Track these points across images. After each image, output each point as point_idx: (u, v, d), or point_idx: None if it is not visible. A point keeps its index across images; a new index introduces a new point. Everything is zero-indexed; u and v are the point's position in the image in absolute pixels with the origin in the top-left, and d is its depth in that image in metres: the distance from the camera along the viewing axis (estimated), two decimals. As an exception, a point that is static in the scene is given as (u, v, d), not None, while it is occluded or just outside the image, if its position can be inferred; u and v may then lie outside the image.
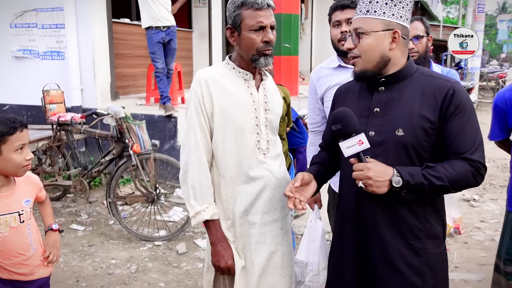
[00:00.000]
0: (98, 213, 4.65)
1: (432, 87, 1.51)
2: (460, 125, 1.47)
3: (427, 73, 1.58)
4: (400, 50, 1.54)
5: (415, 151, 1.50)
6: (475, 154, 1.46)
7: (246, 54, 1.76)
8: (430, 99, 1.49)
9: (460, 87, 1.51)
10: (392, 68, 1.55)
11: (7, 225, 1.82)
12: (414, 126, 1.48)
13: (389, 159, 1.49)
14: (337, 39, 2.24)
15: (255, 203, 1.78)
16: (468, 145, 1.47)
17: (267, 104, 1.85)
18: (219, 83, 1.77)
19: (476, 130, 1.49)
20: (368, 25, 1.52)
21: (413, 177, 1.43)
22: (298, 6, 6.70)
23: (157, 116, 5.24)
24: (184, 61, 7.65)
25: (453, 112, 1.47)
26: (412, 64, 1.59)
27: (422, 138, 1.48)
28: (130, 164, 3.84)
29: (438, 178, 1.43)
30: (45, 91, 4.46)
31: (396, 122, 1.51)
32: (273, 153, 1.85)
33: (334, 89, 2.29)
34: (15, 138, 1.77)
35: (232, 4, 1.74)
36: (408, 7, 1.54)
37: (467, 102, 1.49)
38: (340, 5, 2.22)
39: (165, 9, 5.27)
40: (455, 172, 1.44)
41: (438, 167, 1.44)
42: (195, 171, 1.75)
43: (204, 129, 1.77)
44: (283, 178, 1.86)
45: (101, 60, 5.58)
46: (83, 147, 5.58)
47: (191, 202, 1.75)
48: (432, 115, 1.47)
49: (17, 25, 5.83)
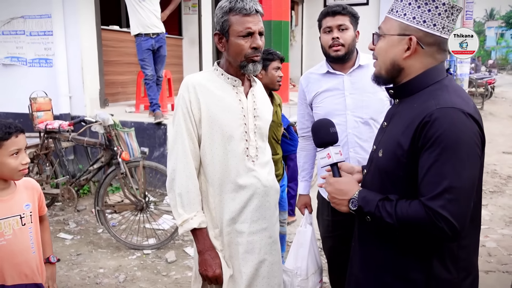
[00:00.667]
0: (87, 221, 4.58)
1: (418, 109, 1.27)
2: (427, 162, 1.21)
3: (438, 89, 1.30)
4: (420, 60, 1.32)
5: (388, 178, 1.34)
6: (434, 201, 1.19)
7: (234, 60, 1.74)
8: (411, 124, 1.27)
9: (443, 115, 1.21)
10: (405, 78, 1.37)
11: (11, 228, 1.86)
12: (390, 150, 1.33)
13: (373, 180, 1.42)
14: (327, 45, 2.23)
15: (243, 212, 1.76)
16: (428, 188, 1.21)
17: (256, 111, 1.83)
18: (207, 89, 1.75)
19: (448, 172, 1.19)
20: (386, 26, 1.37)
21: (367, 204, 1.32)
22: (288, 13, 6.72)
23: (146, 123, 5.20)
24: (174, 68, 7.62)
25: (424, 144, 1.22)
26: (429, 76, 1.33)
27: (394, 166, 1.31)
28: (119, 172, 3.79)
29: (389, 215, 1.26)
30: (32, 99, 4.41)
31: (384, 142, 1.39)
32: (262, 160, 1.83)
33: (322, 95, 2.31)
34: (10, 143, 1.82)
35: (220, 10, 1.73)
36: (438, 11, 1.29)
37: (445, 135, 1.19)
38: (332, 11, 2.21)
39: (155, 16, 5.25)
40: (407, 214, 1.23)
41: (397, 203, 1.27)
42: (183, 178, 1.73)
43: (192, 135, 1.74)
44: (272, 186, 1.84)
45: (90, 67, 5.53)
46: (72, 155, 5.51)
47: (179, 210, 1.72)
48: (405, 143, 1.27)
49: (4, 32, 5.76)
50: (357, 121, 2.23)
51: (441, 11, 1.29)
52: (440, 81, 1.33)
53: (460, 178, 1.19)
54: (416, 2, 1.30)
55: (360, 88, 2.24)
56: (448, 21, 1.30)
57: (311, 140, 2.51)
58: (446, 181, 1.18)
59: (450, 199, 1.18)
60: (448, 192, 1.18)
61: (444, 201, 1.18)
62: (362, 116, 2.23)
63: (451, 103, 1.24)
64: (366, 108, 2.23)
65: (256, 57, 1.73)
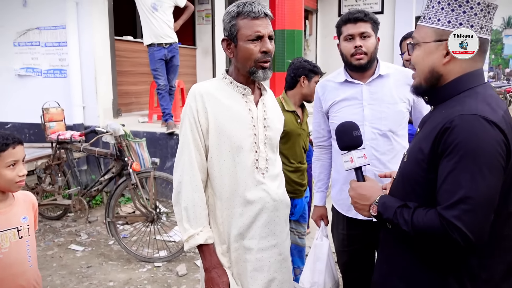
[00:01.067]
0: (98, 232, 4.54)
1: (444, 115, 1.23)
2: (445, 170, 1.18)
3: (468, 96, 1.26)
4: (460, 65, 1.27)
5: (410, 184, 1.31)
6: (448, 211, 1.15)
7: (243, 67, 1.67)
8: (433, 129, 1.24)
9: (464, 122, 1.17)
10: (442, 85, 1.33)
11: (8, 240, 1.84)
12: (413, 155, 1.31)
13: (398, 186, 1.39)
14: (349, 54, 2.11)
15: (251, 227, 1.68)
16: (444, 197, 1.17)
17: (267, 121, 1.75)
18: (215, 97, 1.68)
19: (465, 181, 1.14)
20: (420, 35, 1.33)
21: (386, 211, 1.30)
22: (301, 22, 6.65)
23: (158, 133, 5.17)
24: (188, 78, 7.61)
25: (444, 151, 1.19)
26: (463, 82, 1.28)
27: (416, 171, 1.28)
28: (130, 183, 3.74)
29: (405, 222, 1.23)
30: (44, 109, 4.41)
31: (410, 147, 1.37)
32: (272, 173, 1.75)
33: (340, 105, 2.20)
34: (7, 154, 1.81)
35: (227, 15, 1.66)
36: (474, 11, 1.25)
37: (465, 142, 1.15)
38: (353, 18, 2.09)
39: (167, 26, 5.24)
40: (423, 223, 1.20)
41: (415, 211, 1.23)
42: (189, 191, 1.65)
43: (198, 146, 1.67)
44: (282, 201, 1.75)
45: (103, 78, 5.54)
46: (85, 165, 5.51)
47: (184, 224, 1.65)
48: (426, 148, 1.24)
49: (20, 43, 5.83)
50: (375, 133, 2.13)
51: (477, 11, 1.25)
52: (473, 88, 1.28)
53: (477, 188, 1.14)
54: (449, 6, 1.26)
55: (379, 98, 2.13)
56: (485, 20, 1.26)
57: (326, 149, 2.42)
58: (462, 191, 1.14)
59: (466, 209, 1.13)
60: (464, 202, 1.13)
61: (459, 211, 1.13)
62: (380, 128, 2.12)
63: (475, 110, 1.18)
64: (385, 119, 2.12)
65: (266, 62, 1.65)
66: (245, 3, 1.64)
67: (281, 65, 5.66)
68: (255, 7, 1.61)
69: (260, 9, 1.62)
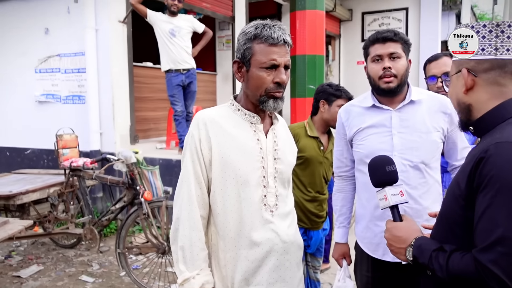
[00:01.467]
0: (111, 263, 4.39)
1: (480, 145, 1.14)
2: (481, 206, 1.06)
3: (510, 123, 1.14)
4: (484, 90, 1.20)
5: (448, 223, 1.20)
6: (484, 254, 1.03)
7: (253, 94, 1.51)
8: (470, 160, 1.13)
9: (499, 150, 1.06)
10: (478, 114, 1.23)
11: None
12: (451, 191, 1.20)
13: (438, 227, 1.27)
14: (377, 76, 1.91)
15: (258, 272, 1.48)
16: (481, 237, 1.05)
17: (277, 152, 1.57)
18: (220, 126, 1.52)
19: (503, 219, 1.01)
20: (450, 71, 1.32)
21: (422, 255, 1.20)
22: (322, 47, 6.53)
23: (175, 160, 5.04)
24: (208, 104, 7.55)
25: (479, 184, 1.07)
26: (503, 110, 1.18)
27: (454, 210, 1.17)
28: (141, 213, 3.60)
29: (440, 268, 1.13)
30: (58, 136, 4.35)
31: (450, 183, 1.27)
32: (282, 211, 1.55)
33: (366, 132, 1.98)
34: None
35: (243, 35, 1.50)
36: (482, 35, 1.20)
37: (501, 174, 1.03)
38: (382, 37, 1.90)
39: (185, 52, 5.19)
40: (458, 269, 1.09)
41: (451, 255, 1.12)
42: (186, 229, 1.48)
43: (199, 179, 1.50)
44: (293, 242, 1.55)
45: (121, 104, 5.50)
46: (101, 192, 5.42)
47: (180, 266, 1.47)
48: (462, 181, 1.13)
49: (41, 70, 5.88)
50: (406, 165, 1.90)
51: (485, 34, 1.20)
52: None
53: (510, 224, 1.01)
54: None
55: (411, 126, 1.91)
56: (499, 40, 1.18)
57: (349, 180, 2.21)
58: (500, 230, 1.01)
59: (504, 252, 1.00)
60: (501, 244, 1.00)
61: (496, 255, 1.01)
62: (411, 159, 1.89)
63: (499, 139, 1.08)
64: (417, 150, 1.89)
65: (278, 93, 1.49)
66: (265, 25, 1.48)
67: (302, 90, 5.52)
68: (274, 32, 1.45)
69: (280, 35, 1.46)
